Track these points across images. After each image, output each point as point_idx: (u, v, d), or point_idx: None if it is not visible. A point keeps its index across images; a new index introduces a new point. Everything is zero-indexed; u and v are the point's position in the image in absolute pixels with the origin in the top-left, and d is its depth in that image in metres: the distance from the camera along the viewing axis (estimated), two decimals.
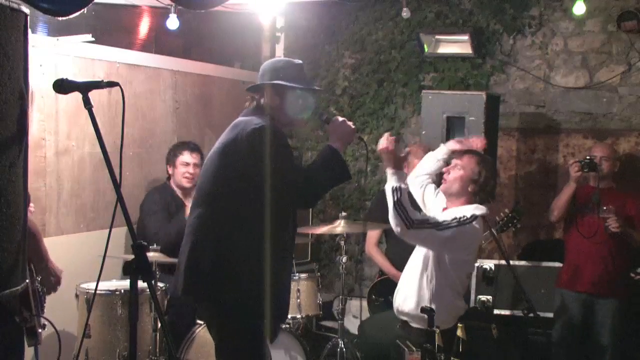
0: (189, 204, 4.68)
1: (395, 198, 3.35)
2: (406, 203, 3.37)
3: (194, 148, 4.71)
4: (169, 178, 4.73)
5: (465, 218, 3.39)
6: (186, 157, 4.65)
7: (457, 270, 3.50)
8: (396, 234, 3.41)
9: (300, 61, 3.19)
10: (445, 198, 3.64)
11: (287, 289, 3.19)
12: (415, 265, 3.61)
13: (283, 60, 3.25)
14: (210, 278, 2.92)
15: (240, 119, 3.07)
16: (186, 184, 4.65)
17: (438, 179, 3.87)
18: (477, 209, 3.47)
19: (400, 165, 3.48)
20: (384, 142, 3.46)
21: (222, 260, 2.92)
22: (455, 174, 3.56)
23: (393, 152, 3.45)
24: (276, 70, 3.10)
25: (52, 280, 3.06)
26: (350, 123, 3.11)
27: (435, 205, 3.72)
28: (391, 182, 3.42)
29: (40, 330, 2.80)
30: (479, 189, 3.53)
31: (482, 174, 3.52)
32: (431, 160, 3.89)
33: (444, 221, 3.39)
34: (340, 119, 3.12)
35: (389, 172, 3.44)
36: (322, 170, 2.99)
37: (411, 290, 3.55)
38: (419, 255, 3.59)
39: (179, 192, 4.69)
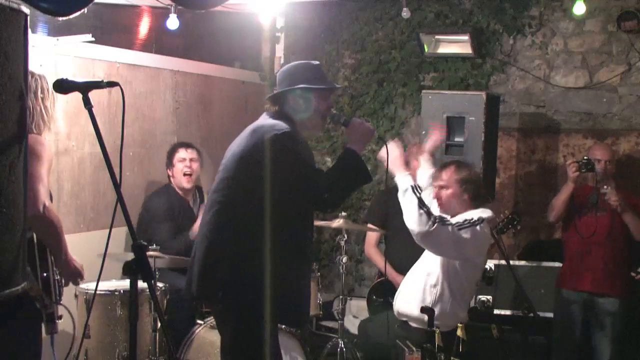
0: (191, 202, 4.71)
1: (418, 195, 3.34)
2: (425, 201, 3.37)
3: (188, 145, 4.78)
4: (169, 180, 4.74)
5: (474, 220, 3.40)
6: (182, 153, 4.69)
7: (468, 275, 3.49)
8: (415, 236, 3.34)
9: (317, 62, 3.22)
10: (450, 216, 3.63)
11: (308, 294, 3.18)
12: (421, 270, 3.60)
13: (301, 64, 3.21)
14: (227, 282, 2.92)
15: (260, 123, 3.06)
16: (186, 183, 4.66)
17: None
18: (484, 212, 3.48)
19: (408, 166, 3.50)
20: (395, 148, 3.46)
21: (240, 265, 2.91)
22: (445, 194, 3.59)
23: (402, 156, 3.46)
24: (296, 74, 3.10)
25: (72, 273, 3.09)
26: (369, 124, 3.14)
27: None
28: (407, 182, 3.39)
29: (57, 321, 2.91)
30: (472, 193, 3.54)
31: (465, 180, 3.55)
32: (424, 177, 3.87)
33: (457, 223, 3.40)
34: (359, 120, 3.15)
35: (401, 174, 3.42)
36: (344, 174, 3.00)
37: (414, 294, 3.54)
38: (426, 260, 3.58)
39: (181, 193, 4.70)
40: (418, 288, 3.53)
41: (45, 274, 2.94)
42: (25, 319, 2.55)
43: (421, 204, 3.32)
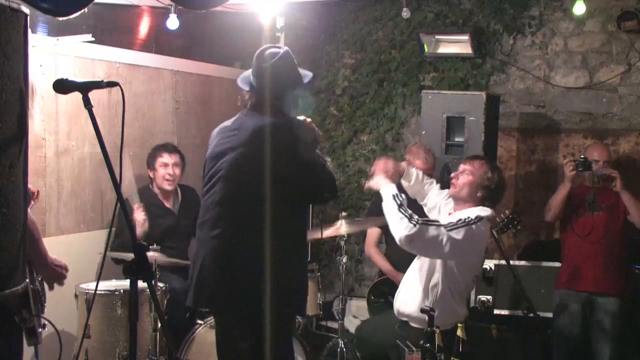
0: (169, 204, 4.67)
1: (398, 202, 3.30)
2: (407, 207, 3.34)
3: (172, 149, 4.69)
4: (151, 182, 4.71)
5: (470, 219, 3.36)
6: (165, 158, 4.62)
7: (464, 274, 3.47)
8: (400, 242, 3.29)
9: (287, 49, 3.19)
10: (453, 202, 3.61)
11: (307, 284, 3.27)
12: (420, 269, 3.57)
13: (287, 58, 3.14)
14: (247, 294, 2.92)
15: (258, 123, 2.99)
16: (167, 186, 4.63)
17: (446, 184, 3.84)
18: (482, 211, 3.43)
19: (396, 180, 3.48)
20: (383, 165, 3.45)
21: (259, 273, 2.90)
22: (464, 179, 3.52)
23: (391, 173, 3.44)
24: (293, 72, 3.13)
25: (57, 274, 3.05)
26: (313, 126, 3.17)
27: (443, 211, 3.69)
28: (390, 191, 3.34)
29: (40, 330, 2.81)
30: (488, 195, 3.50)
31: (493, 180, 3.50)
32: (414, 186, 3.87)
33: (450, 223, 3.35)
34: (308, 120, 3.17)
35: (385, 185, 3.37)
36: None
37: (414, 294, 3.53)
38: (424, 259, 3.57)
39: (160, 195, 4.68)
40: (418, 288, 3.52)
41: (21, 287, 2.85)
42: (2, 335, 2.47)
43: (401, 208, 3.27)
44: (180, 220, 4.66)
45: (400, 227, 3.24)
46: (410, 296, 3.55)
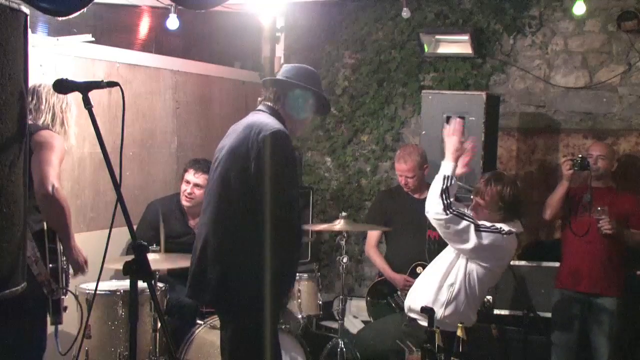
0: (193, 223, 4.57)
1: (444, 186, 3.40)
2: (452, 193, 3.40)
3: (201, 168, 4.52)
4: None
5: (503, 230, 3.43)
6: (190, 175, 4.55)
7: (483, 281, 3.51)
8: (432, 221, 3.41)
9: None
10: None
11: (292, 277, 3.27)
12: (439, 267, 3.59)
13: (311, 70, 3.25)
14: (239, 288, 2.93)
15: (254, 120, 3.04)
16: (185, 202, 4.59)
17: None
18: (514, 226, 3.52)
19: (459, 158, 3.52)
20: (455, 126, 3.52)
21: (238, 268, 2.92)
22: (479, 203, 3.63)
23: (459, 139, 3.50)
24: (312, 79, 3.18)
25: (78, 261, 3.21)
26: None
27: None
28: (445, 170, 3.44)
29: (62, 312, 3.01)
30: (506, 206, 3.56)
31: (499, 194, 3.55)
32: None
33: (483, 224, 3.43)
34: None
35: (447, 160, 3.45)
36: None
37: (429, 291, 3.54)
38: (447, 258, 3.59)
39: (186, 210, 4.62)
40: (433, 285, 3.53)
41: (52, 265, 3.02)
42: (31, 310, 2.59)
43: (444, 193, 3.37)
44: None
45: (433, 208, 3.39)
46: (425, 293, 3.56)
